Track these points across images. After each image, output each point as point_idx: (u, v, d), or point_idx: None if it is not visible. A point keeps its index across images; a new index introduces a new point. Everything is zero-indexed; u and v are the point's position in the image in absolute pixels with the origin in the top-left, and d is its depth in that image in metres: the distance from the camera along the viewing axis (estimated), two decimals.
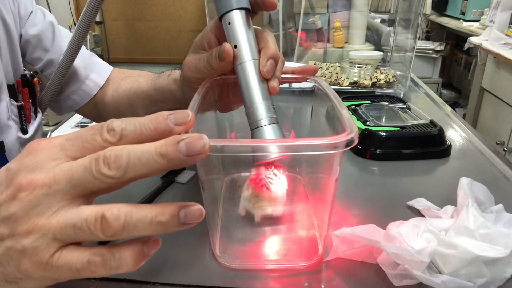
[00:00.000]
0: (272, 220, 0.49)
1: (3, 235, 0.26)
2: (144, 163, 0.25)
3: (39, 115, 0.63)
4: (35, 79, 0.60)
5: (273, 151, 0.34)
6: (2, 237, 0.26)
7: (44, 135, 1.84)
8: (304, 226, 0.49)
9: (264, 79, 0.42)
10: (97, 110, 0.69)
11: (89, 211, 0.26)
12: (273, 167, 0.46)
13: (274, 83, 0.42)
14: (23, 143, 0.59)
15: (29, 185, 0.26)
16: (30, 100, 0.60)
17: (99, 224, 0.25)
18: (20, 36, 0.60)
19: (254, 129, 0.41)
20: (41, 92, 0.63)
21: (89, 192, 0.27)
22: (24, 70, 0.60)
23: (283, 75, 0.51)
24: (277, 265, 0.43)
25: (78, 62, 0.64)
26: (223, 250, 0.44)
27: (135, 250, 0.27)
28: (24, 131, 0.59)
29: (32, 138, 0.61)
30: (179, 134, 0.27)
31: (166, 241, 0.29)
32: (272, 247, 0.46)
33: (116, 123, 0.27)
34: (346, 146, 0.33)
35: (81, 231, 0.25)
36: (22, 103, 0.58)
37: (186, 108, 0.57)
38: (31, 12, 0.62)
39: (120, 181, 0.26)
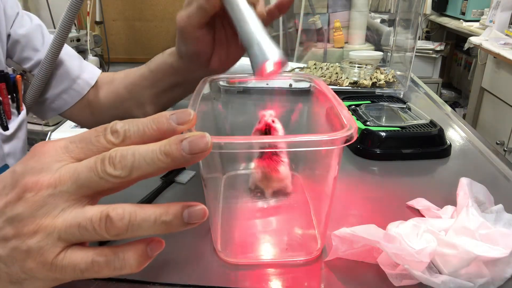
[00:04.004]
0: (272, 214, 0.51)
1: (8, 235, 0.26)
2: (148, 163, 0.26)
3: (23, 112, 0.62)
4: (18, 76, 0.60)
5: (278, 146, 0.35)
6: (7, 238, 0.26)
7: (44, 135, 1.85)
8: (302, 223, 0.50)
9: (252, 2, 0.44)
10: (89, 108, 0.68)
11: (94, 211, 0.26)
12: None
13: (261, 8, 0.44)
14: (5, 140, 0.59)
15: (35, 186, 0.26)
16: (9, 96, 0.59)
17: (104, 224, 0.25)
18: (9, 36, 0.61)
19: (252, 44, 0.43)
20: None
21: (94, 193, 0.27)
22: (14, 70, 0.60)
23: (283, 75, 0.51)
24: (277, 260, 0.44)
25: (70, 62, 0.64)
26: (224, 246, 0.45)
27: (138, 251, 0.27)
28: (5, 127, 0.59)
29: (14, 134, 0.60)
30: (182, 133, 0.27)
31: (167, 238, 0.29)
32: (273, 243, 0.47)
33: (119, 125, 0.27)
34: (345, 142, 0.33)
35: (85, 231, 0.26)
36: (0, 98, 0.58)
37: (185, 81, 0.58)
38: (18, 13, 0.62)
39: (125, 181, 0.26)
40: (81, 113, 0.69)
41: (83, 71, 0.67)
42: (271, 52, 0.42)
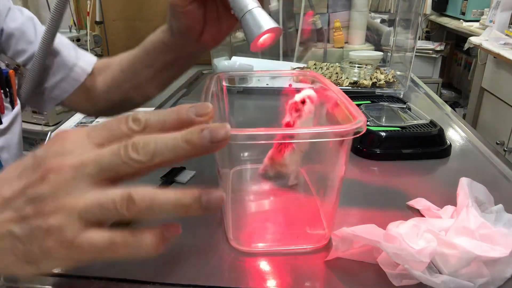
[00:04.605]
0: (281, 205, 0.54)
1: (28, 214, 0.27)
2: (170, 149, 0.27)
3: (17, 107, 0.62)
4: (10, 71, 0.60)
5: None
6: (27, 217, 0.27)
7: (44, 135, 1.85)
8: (309, 213, 0.51)
9: None
10: (87, 95, 0.68)
11: (116, 191, 0.27)
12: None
13: None
14: None
15: (58, 168, 0.27)
16: (2, 91, 0.59)
17: (126, 203, 0.26)
18: (2, 30, 0.61)
19: (246, 13, 0.42)
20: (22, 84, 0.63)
21: (116, 176, 0.28)
22: (8, 65, 0.60)
23: (283, 73, 0.51)
24: (285, 248, 0.45)
25: (66, 51, 0.65)
26: (236, 235, 0.47)
27: (156, 233, 0.28)
28: None
29: (8, 128, 0.61)
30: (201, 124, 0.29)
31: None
32: (281, 232, 0.49)
33: (141, 114, 0.29)
34: (355, 134, 0.34)
35: (107, 210, 0.26)
36: None
37: (178, 58, 0.59)
38: (10, 8, 0.62)
39: (147, 166, 0.27)
40: (80, 100, 0.69)
41: (79, 59, 0.67)
42: (265, 22, 0.42)
